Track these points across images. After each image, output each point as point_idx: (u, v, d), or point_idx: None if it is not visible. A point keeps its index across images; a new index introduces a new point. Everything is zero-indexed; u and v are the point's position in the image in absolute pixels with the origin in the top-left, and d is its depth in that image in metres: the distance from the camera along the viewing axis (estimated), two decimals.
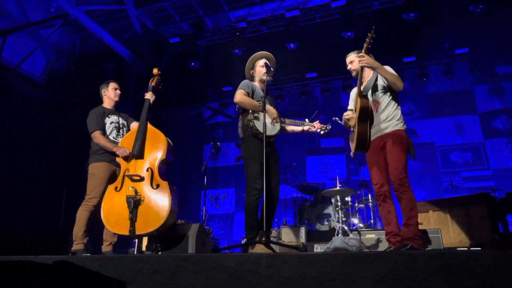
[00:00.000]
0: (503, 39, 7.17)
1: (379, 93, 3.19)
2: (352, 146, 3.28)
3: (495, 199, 5.34)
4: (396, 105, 3.15)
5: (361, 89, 3.23)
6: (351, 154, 3.40)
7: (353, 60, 3.37)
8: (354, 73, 3.40)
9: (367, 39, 3.11)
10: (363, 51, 3.11)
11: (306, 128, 3.73)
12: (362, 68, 3.19)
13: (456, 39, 7.48)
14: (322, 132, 3.72)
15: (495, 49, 7.61)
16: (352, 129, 3.33)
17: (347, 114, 3.32)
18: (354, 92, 3.46)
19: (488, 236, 4.81)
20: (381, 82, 3.20)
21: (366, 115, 3.09)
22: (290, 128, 3.80)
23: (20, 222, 5.57)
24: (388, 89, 3.16)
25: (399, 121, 3.09)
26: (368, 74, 3.34)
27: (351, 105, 3.44)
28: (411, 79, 8.56)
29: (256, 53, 3.74)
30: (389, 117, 3.10)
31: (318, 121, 3.75)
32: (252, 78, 3.75)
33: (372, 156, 3.16)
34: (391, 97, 3.15)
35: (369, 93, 3.25)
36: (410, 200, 2.89)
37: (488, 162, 7.81)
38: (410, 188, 2.92)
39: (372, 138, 3.15)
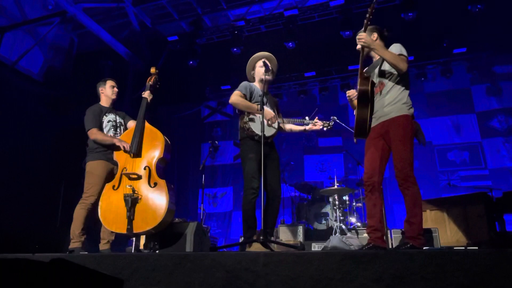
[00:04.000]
0: (501, 39, 7.19)
1: (386, 74, 2.95)
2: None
3: (492, 198, 5.36)
4: (402, 88, 2.89)
5: (363, 70, 2.95)
6: (355, 140, 3.13)
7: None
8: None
9: (366, 15, 2.83)
10: (362, 29, 2.86)
11: (308, 127, 3.70)
12: (362, 48, 2.92)
13: (454, 38, 7.49)
14: (325, 129, 3.68)
15: (493, 48, 7.63)
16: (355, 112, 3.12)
17: (350, 92, 3.09)
18: None
19: (485, 236, 4.82)
20: (387, 64, 2.94)
21: (366, 99, 2.82)
22: (290, 127, 3.78)
23: (17, 219, 5.55)
24: (394, 71, 2.91)
25: (404, 104, 2.83)
26: (376, 55, 3.08)
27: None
28: (409, 78, 8.56)
29: (256, 54, 3.71)
30: (394, 101, 2.85)
31: (317, 117, 3.73)
32: (253, 80, 3.75)
33: (371, 143, 2.93)
34: (398, 78, 2.90)
35: (375, 74, 3.02)
36: (414, 196, 2.68)
37: (485, 162, 7.83)
38: (415, 183, 2.69)
39: (374, 124, 2.91)
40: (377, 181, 2.85)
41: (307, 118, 3.73)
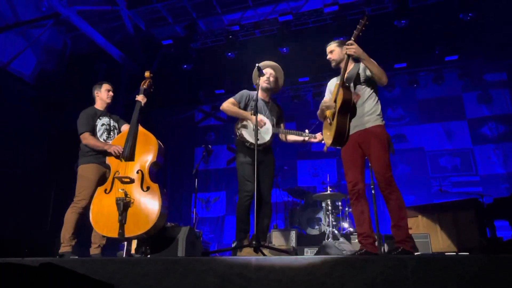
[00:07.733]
0: (492, 47, 7.29)
1: (361, 85, 3.01)
2: (327, 139, 3.12)
3: (483, 204, 5.40)
4: (376, 99, 3.00)
5: (344, 80, 3.00)
6: (325, 148, 3.26)
7: (334, 50, 3.21)
8: (333, 64, 3.21)
9: (358, 26, 2.87)
10: (352, 38, 2.88)
11: (307, 138, 3.73)
12: (348, 56, 2.97)
13: (446, 46, 7.59)
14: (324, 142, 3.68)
15: (484, 56, 7.73)
16: (325, 120, 3.17)
17: (326, 102, 3.12)
18: (333, 83, 3.28)
19: (476, 241, 4.86)
20: (363, 74, 3.02)
21: (348, 107, 2.88)
22: (290, 137, 3.81)
23: (7, 223, 5.47)
24: (370, 82, 2.99)
25: (379, 116, 2.95)
26: (350, 65, 3.12)
27: (327, 97, 3.25)
28: (401, 85, 8.65)
29: (262, 63, 3.69)
30: (370, 111, 2.94)
31: (320, 133, 3.70)
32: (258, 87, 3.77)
33: (348, 151, 3.00)
34: (372, 90, 3.00)
35: (351, 85, 3.04)
36: (398, 200, 2.75)
37: (476, 168, 7.91)
38: (397, 187, 2.78)
39: (351, 132, 2.97)
40: (362, 188, 2.91)
41: (306, 131, 3.77)
